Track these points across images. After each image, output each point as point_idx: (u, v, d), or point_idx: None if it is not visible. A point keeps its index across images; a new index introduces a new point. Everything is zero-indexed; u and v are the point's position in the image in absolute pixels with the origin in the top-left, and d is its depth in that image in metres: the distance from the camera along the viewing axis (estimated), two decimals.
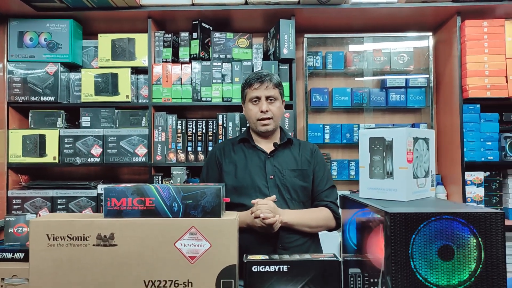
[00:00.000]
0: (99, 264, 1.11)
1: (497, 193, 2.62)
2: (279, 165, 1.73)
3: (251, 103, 1.77)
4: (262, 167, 1.73)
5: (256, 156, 1.75)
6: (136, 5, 2.44)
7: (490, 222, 0.84)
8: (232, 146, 1.82)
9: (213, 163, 1.80)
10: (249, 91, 1.77)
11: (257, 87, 1.74)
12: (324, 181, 1.76)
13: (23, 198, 2.54)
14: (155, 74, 2.58)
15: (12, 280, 1.86)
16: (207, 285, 1.10)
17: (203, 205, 1.15)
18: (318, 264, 1.11)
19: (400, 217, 0.84)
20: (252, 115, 1.76)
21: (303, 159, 1.77)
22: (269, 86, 1.74)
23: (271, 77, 1.76)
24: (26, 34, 2.56)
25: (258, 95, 1.74)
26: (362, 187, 1.15)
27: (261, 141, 1.80)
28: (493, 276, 0.83)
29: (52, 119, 2.61)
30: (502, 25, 2.49)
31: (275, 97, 1.76)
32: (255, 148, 1.77)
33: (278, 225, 1.54)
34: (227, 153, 1.79)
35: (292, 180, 1.71)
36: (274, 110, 1.75)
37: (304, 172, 1.74)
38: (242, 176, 1.71)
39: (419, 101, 2.79)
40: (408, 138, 1.06)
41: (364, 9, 2.48)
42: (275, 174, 1.71)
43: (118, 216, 1.14)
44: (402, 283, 0.83)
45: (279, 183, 1.70)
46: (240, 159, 1.76)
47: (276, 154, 1.76)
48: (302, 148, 1.80)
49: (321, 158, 1.82)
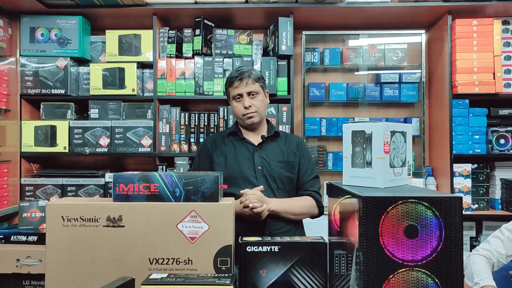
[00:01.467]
0: (108, 243, 1.22)
1: (484, 185, 2.75)
2: (266, 156, 1.82)
3: (234, 100, 1.84)
4: (250, 159, 1.81)
5: (245, 148, 1.84)
6: (142, 3, 2.56)
7: (449, 206, 0.96)
8: (222, 138, 1.90)
9: (205, 154, 1.89)
10: (231, 90, 1.84)
11: (237, 85, 1.81)
12: (308, 172, 1.86)
13: (35, 186, 2.69)
14: (159, 69, 2.70)
15: (27, 261, 2.00)
16: (206, 263, 1.21)
17: (203, 191, 1.25)
18: (307, 245, 1.22)
19: (371, 200, 0.96)
20: (237, 112, 1.84)
21: (289, 151, 1.86)
22: (249, 82, 1.80)
23: (249, 73, 1.82)
24: (37, 30, 2.69)
25: (239, 92, 1.81)
26: (345, 175, 1.27)
27: (249, 134, 1.88)
28: (452, 252, 0.95)
29: (62, 111, 2.74)
30: (491, 24, 2.60)
31: (256, 92, 1.82)
32: (243, 140, 1.86)
33: (265, 213, 1.65)
34: (218, 145, 1.88)
35: (279, 171, 1.80)
36: (257, 104, 1.82)
37: (290, 164, 1.83)
38: (231, 166, 1.80)
39: (412, 96, 2.90)
40: (385, 132, 1.18)
41: (359, 7, 2.58)
42: (262, 165, 1.80)
43: (126, 200, 1.25)
44: (372, 258, 0.95)
45: (267, 174, 1.79)
46: (230, 151, 1.85)
47: (264, 146, 1.85)
48: (289, 141, 1.90)
49: (306, 150, 1.92)
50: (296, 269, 1.21)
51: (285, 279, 1.19)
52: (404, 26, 2.92)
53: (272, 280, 1.19)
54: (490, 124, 2.71)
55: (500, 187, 2.73)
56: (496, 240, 1.80)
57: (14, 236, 2.06)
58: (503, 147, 2.64)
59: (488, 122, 2.70)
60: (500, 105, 2.76)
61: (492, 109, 2.73)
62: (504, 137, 2.64)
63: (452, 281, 0.93)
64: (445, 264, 0.94)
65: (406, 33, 2.91)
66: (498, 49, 2.60)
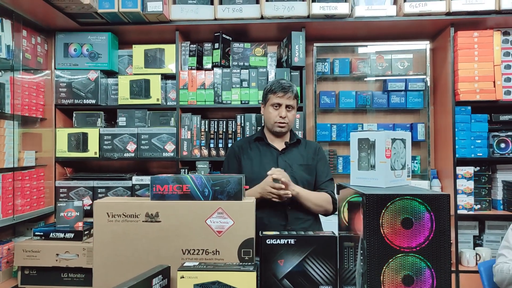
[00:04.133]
0: (147, 236, 1.36)
1: (486, 186, 2.89)
2: (289, 160, 2.01)
3: (272, 107, 2.01)
4: (275, 162, 2.00)
5: (269, 153, 2.03)
6: (165, 19, 2.76)
7: (439, 202, 1.12)
8: (249, 143, 2.09)
9: (233, 158, 2.07)
10: (272, 97, 2.01)
11: (280, 95, 1.99)
12: (324, 173, 2.05)
13: (68, 188, 2.89)
14: (182, 80, 2.90)
15: (65, 255, 2.20)
16: (231, 253, 1.35)
17: (228, 190, 1.40)
18: (319, 239, 1.36)
19: (373, 197, 1.13)
20: (272, 118, 2.02)
21: (309, 156, 2.05)
22: (291, 96, 2.01)
23: (293, 89, 2.02)
24: (70, 45, 2.91)
25: (280, 102, 2.00)
26: (352, 177, 1.44)
27: (274, 139, 2.07)
28: (441, 240, 1.11)
29: (93, 119, 2.95)
30: (491, 35, 2.74)
31: (293, 107, 2.03)
32: (269, 145, 2.05)
33: (289, 192, 1.82)
34: (245, 150, 2.06)
35: (300, 174, 1.99)
36: (290, 117, 2.03)
37: (309, 167, 2.02)
38: (257, 169, 1.97)
39: (417, 103, 3.05)
40: (386, 139, 1.36)
41: (367, 22, 2.75)
42: (286, 168, 1.95)
43: (162, 199, 1.40)
44: (374, 245, 1.11)
45: (290, 176, 1.91)
46: (255, 155, 2.03)
47: (287, 152, 2.04)
48: (308, 147, 2.09)
49: (323, 155, 2.10)
50: (310, 259, 1.34)
51: (300, 268, 1.32)
52: (410, 37, 3.08)
53: (289, 269, 1.32)
54: (491, 129, 2.85)
55: (501, 188, 2.86)
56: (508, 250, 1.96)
57: (53, 233, 2.26)
58: (504, 151, 2.78)
59: (489, 127, 2.84)
60: (501, 111, 2.89)
61: (493, 115, 2.87)
62: (504, 142, 2.78)
63: (441, 264, 1.09)
64: (436, 250, 1.09)
65: (411, 43, 3.07)
66: (498, 58, 2.74)
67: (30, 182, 2.64)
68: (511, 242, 1.99)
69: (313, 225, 1.99)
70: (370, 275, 1.10)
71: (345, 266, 1.35)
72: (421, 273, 1.10)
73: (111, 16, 2.68)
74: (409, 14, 2.66)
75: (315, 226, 2.02)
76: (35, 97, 2.74)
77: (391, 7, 2.72)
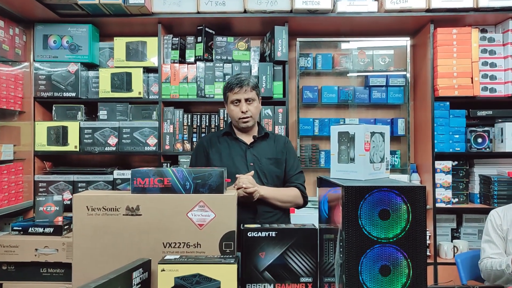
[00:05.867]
0: (127, 230, 1.36)
1: (463, 180, 2.96)
2: (257, 154, 2.01)
3: (232, 104, 2.00)
4: (243, 156, 1.99)
5: (238, 147, 2.03)
6: (148, 12, 2.74)
7: (415, 193, 1.14)
8: (218, 138, 2.08)
9: (201, 152, 2.06)
10: (230, 95, 1.99)
11: (237, 91, 1.97)
12: (294, 167, 2.06)
13: (48, 182, 2.85)
14: (164, 73, 2.88)
15: (44, 250, 2.17)
16: (212, 246, 1.35)
17: (210, 184, 1.40)
18: (300, 231, 1.37)
19: (352, 189, 1.15)
20: (234, 115, 2.00)
21: (277, 149, 2.05)
22: (247, 89, 1.97)
23: (248, 81, 1.98)
24: (50, 37, 2.86)
25: (238, 98, 1.97)
26: (332, 170, 1.46)
27: (241, 134, 2.07)
28: (417, 231, 1.13)
29: (73, 112, 2.91)
30: (469, 32, 2.80)
31: (252, 99, 1.99)
32: (237, 140, 2.04)
33: (257, 194, 1.83)
34: (214, 144, 2.06)
35: (269, 167, 2.00)
36: (252, 109, 2.00)
37: (278, 160, 2.03)
38: (226, 163, 1.95)
39: (398, 98, 3.10)
40: (366, 133, 1.38)
41: (349, 17, 2.78)
42: (254, 161, 1.98)
43: (143, 192, 1.39)
44: (352, 236, 1.13)
45: (258, 169, 1.96)
46: (224, 149, 2.03)
47: (255, 145, 2.04)
48: (277, 140, 2.09)
49: (292, 148, 2.12)
50: (291, 251, 1.36)
51: (281, 261, 1.34)
52: (391, 33, 3.12)
53: (270, 261, 1.33)
54: (469, 124, 2.92)
55: (478, 182, 2.95)
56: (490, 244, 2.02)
57: (32, 228, 2.22)
58: (481, 146, 2.85)
59: (467, 123, 2.91)
60: (478, 107, 2.96)
61: (471, 110, 2.94)
62: (481, 137, 2.85)
63: (417, 254, 1.11)
64: (412, 241, 1.12)
65: (392, 40, 3.11)
66: (476, 55, 2.80)
67: (8, 176, 2.59)
68: (491, 235, 2.05)
69: (281, 219, 2.00)
70: (348, 266, 1.12)
71: (326, 258, 1.37)
72: (398, 263, 1.12)
73: (92, 7, 2.65)
74: (390, 10, 2.70)
75: (284, 219, 2.02)
76: (13, 90, 2.68)
77: (373, 3, 2.76)
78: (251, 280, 1.33)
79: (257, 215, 1.92)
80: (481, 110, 2.94)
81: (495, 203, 2.78)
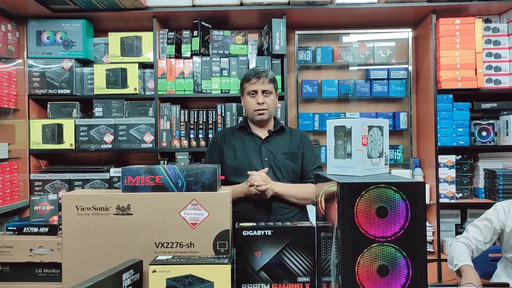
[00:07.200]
0: (118, 229, 1.34)
1: (468, 174, 2.90)
2: (272, 149, 1.97)
3: (249, 95, 1.98)
4: (258, 151, 1.96)
5: (253, 141, 1.99)
6: (142, 6, 2.69)
7: (414, 189, 1.09)
8: (232, 133, 2.05)
9: (215, 148, 2.03)
10: (247, 85, 1.98)
11: (254, 82, 1.96)
12: (311, 161, 2.01)
13: (43, 181, 2.82)
14: (160, 69, 2.83)
15: (39, 250, 2.15)
16: (206, 246, 1.33)
17: (202, 181, 1.38)
18: (296, 230, 1.33)
19: (347, 185, 1.10)
20: (250, 106, 1.98)
21: (294, 144, 2.01)
22: (265, 81, 1.96)
23: (267, 73, 1.97)
24: (43, 33, 2.82)
25: (255, 89, 1.96)
26: (329, 166, 1.41)
27: (257, 128, 2.03)
28: (417, 230, 1.09)
29: (68, 109, 2.87)
30: (472, 22, 2.73)
31: (270, 91, 1.98)
32: (252, 134, 2.01)
33: (270, 192, 1.79)
34: (227, 139, 2.03)
35: (284, 162, 1.95)
36: (269, 102, 1.98)
37: (294, 155, 1.98)
38: (240, 158, 1.94)
39: (400, 92, 3.04)
40: (363, 126, 1.32)
41: (348, 8, 2.72)
42: (269, 156, 1.94)
43: (133, 190, 1.37)
44: (348, 235, 1.09)
45: (273, 164, 1.93)
46: (238, 144, 1.99)
47: (270, 140, 2.00)
48: (293, 135, 2.05)
49: (310, 142, 2.06)
50: (288, 250, 1.32)
51: (278, 260, 1.30)
52: (392, 24, 3.05)
53: (266, 261, 1.30)
54: (473, 117, 2.85)
55: (483, 176, 2.88)
56: (475, 228, 1.96)
57: (27, 228, 2.20)
58: (485, 139, 2.79)
59: (471, 116, 2.84)
60: (482, 99, 2.89)
61: (475, 103, 2.87)
62: (486, 130, 2.78)
63: (417, 253, 1.07)
64: (411, 239, 1.07)
65: (394, 31, 3.04)
66: (480, 46, 2.73)
67: (2, 175, 2.56)
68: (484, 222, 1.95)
69: (298, 215, 1.95)
70: (345, 266, 1.08)
71: (323, 257, 1.34)
72: (397, 263, 1.08)
73: (85, 2, 2.59)
74: (391, 0, 2.64)
75: (301, 216, 1.98)
76: (7, 87, 2.65)
77: None
78: (246, 280, 1.30)
79: (272, 212, 1.88)
80: (486, 103, 2.87)
81: (500, 197, 2.72)
